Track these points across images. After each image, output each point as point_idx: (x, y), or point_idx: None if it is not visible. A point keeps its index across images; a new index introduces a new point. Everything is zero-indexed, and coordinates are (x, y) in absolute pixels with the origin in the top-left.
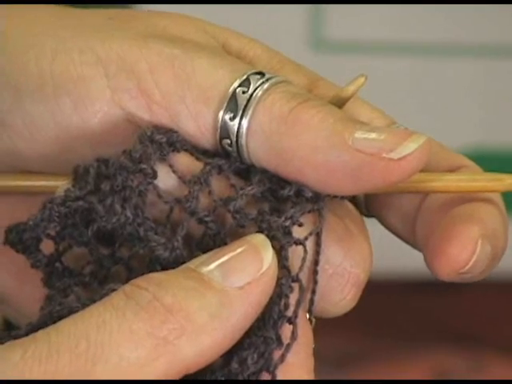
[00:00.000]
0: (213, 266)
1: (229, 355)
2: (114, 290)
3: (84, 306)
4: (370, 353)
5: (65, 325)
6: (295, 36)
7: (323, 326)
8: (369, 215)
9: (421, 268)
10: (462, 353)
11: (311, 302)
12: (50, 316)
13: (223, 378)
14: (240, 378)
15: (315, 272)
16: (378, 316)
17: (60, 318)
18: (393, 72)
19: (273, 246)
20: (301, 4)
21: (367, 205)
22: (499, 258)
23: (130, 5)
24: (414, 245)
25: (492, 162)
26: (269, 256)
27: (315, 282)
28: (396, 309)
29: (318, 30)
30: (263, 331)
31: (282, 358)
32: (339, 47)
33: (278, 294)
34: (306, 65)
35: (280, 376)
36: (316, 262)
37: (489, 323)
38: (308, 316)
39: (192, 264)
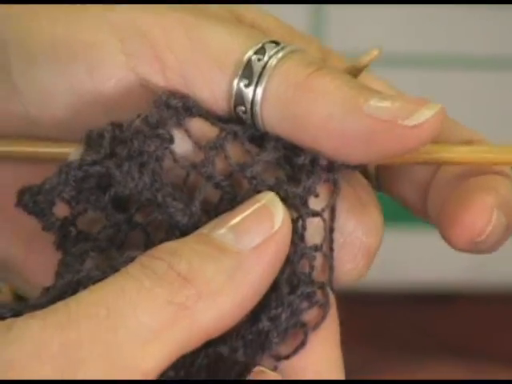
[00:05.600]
0: (225, 229)
1: (256, 315)
2: (132, 258)
3: (104, 273)
4: (370, 366)
5: (84, 295)
6: None
7: None
8: (379, 189)
9: (422, 281)
10: (463, 365)
11: (331, 269)
12: (70, 284)
13: (252, 337)
14: (274, 334)
15: (331, 240)
16: (378, 329)
17: (79, 285)
18: (395, 84)
19: (290, 216)
20: (303, 15)
21: (378, 179)
22: None
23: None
24: (426, 217)
25: None
26: (280, 213)
27: (332, 250)
28: (397, 321)
29: (319, 42)
30: (296, 290)
31: (319, 319)
32: None
33: (300, 258)
34: None
35: (311, 336)
36: (331, 230)
37: (490, 335)
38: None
39: (205, 229)
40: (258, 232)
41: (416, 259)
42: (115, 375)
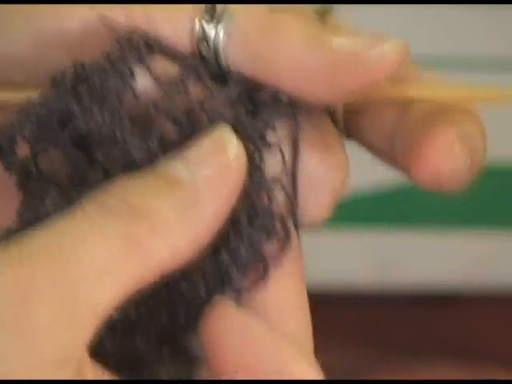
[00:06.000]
0: (178, 163)
1: (215, 250)
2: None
3: (61, 212)
4: (370, 367)
5: (36, 232)
6: None
7: (326, 341)
8: (347, 137)
9: (422, 282)
10: (463, 366)
11: (293, 203)
12: (28, 223)
13: (212, 272)
14: (233, 269)
15: (294, 174)
16: (378, 330)
17: (37, 225)
18: None
19: (247, 149)
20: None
21: (346, 126)
22: (478, 167)
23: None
24: (393, 161)
25: (496, 175)
26: (233, 145)
27: (295, 184)
28: (397, 323)
29: None
30: (255, 222)
31: (279, 252)
32: None
33: (258, 191)
34: None
35: (273, 271)
36: (295, 168)
37: (489, 336)
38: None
39: (159, 164)
40: (211, 164)
41: (416, 261)
42: (69, 309)
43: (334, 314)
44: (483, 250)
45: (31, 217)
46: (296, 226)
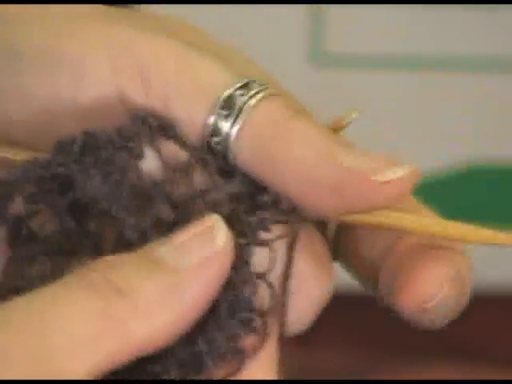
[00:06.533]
0: (166, 247)
1: (192, 337)
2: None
3: (45, 282)
4: (373, 367)
5: (18, 301)
6: (295, 49)
7: (331, 342)
8: (336, 258)
9: None
10: (466, 367)
11: (283, 310)
12: (12, 287)
13: (187, 359)
14: (209, 358)
15: (286, 285)
16: (381, 331)
17: (19, 291)
18: (395, 86)
19: (236, 242)
20: (303, 15)
21: (336, 244)
22: (463, 304)
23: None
24: (375, 287)
25: (489, 176)
26: (222, 235)
27: (286, 294)
28: (399, 323)
29: (319, 43)
30: (235, 314)
31: (256, 347)
32: (340, 61)
33: (243, 284)
34: (306, 79)
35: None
36: (287, 275)
37: (490, 337)
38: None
39: (148, 247)
40: (198, 252)
41: None
42: (39, 377)
43: (338, 314)
44: (483, 250)
45: (16, 280)
46: (282, 325)
